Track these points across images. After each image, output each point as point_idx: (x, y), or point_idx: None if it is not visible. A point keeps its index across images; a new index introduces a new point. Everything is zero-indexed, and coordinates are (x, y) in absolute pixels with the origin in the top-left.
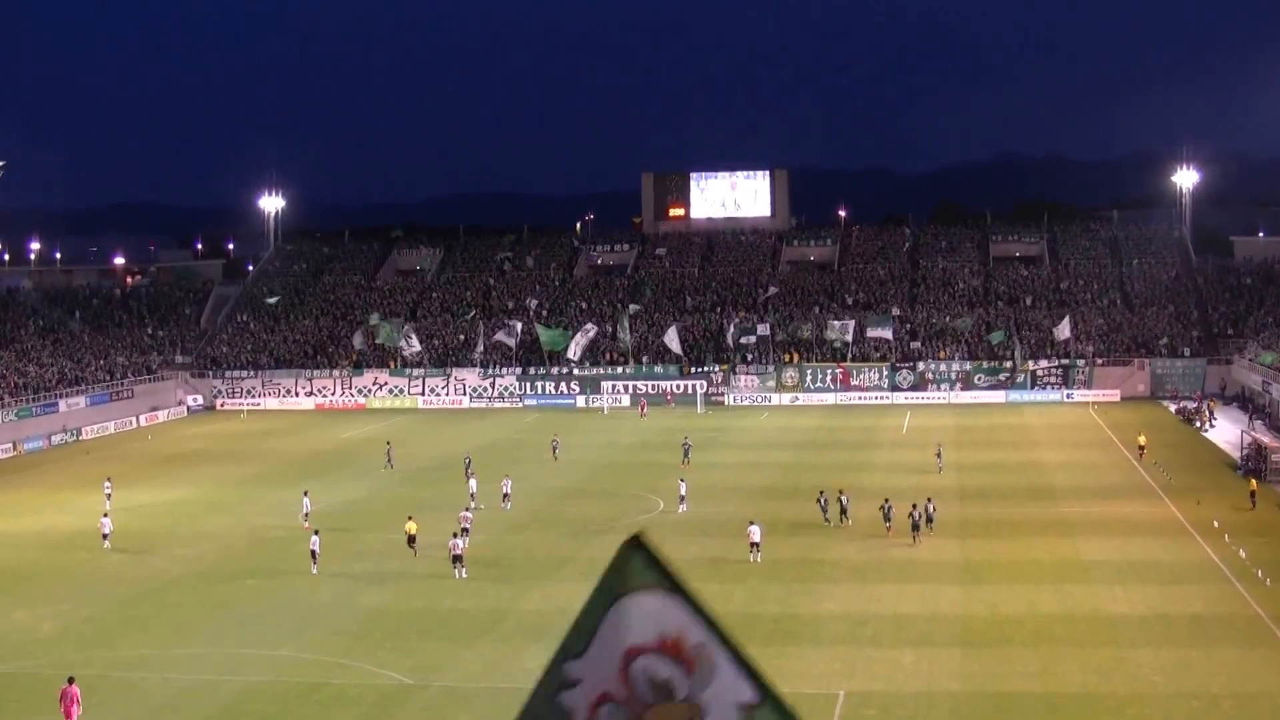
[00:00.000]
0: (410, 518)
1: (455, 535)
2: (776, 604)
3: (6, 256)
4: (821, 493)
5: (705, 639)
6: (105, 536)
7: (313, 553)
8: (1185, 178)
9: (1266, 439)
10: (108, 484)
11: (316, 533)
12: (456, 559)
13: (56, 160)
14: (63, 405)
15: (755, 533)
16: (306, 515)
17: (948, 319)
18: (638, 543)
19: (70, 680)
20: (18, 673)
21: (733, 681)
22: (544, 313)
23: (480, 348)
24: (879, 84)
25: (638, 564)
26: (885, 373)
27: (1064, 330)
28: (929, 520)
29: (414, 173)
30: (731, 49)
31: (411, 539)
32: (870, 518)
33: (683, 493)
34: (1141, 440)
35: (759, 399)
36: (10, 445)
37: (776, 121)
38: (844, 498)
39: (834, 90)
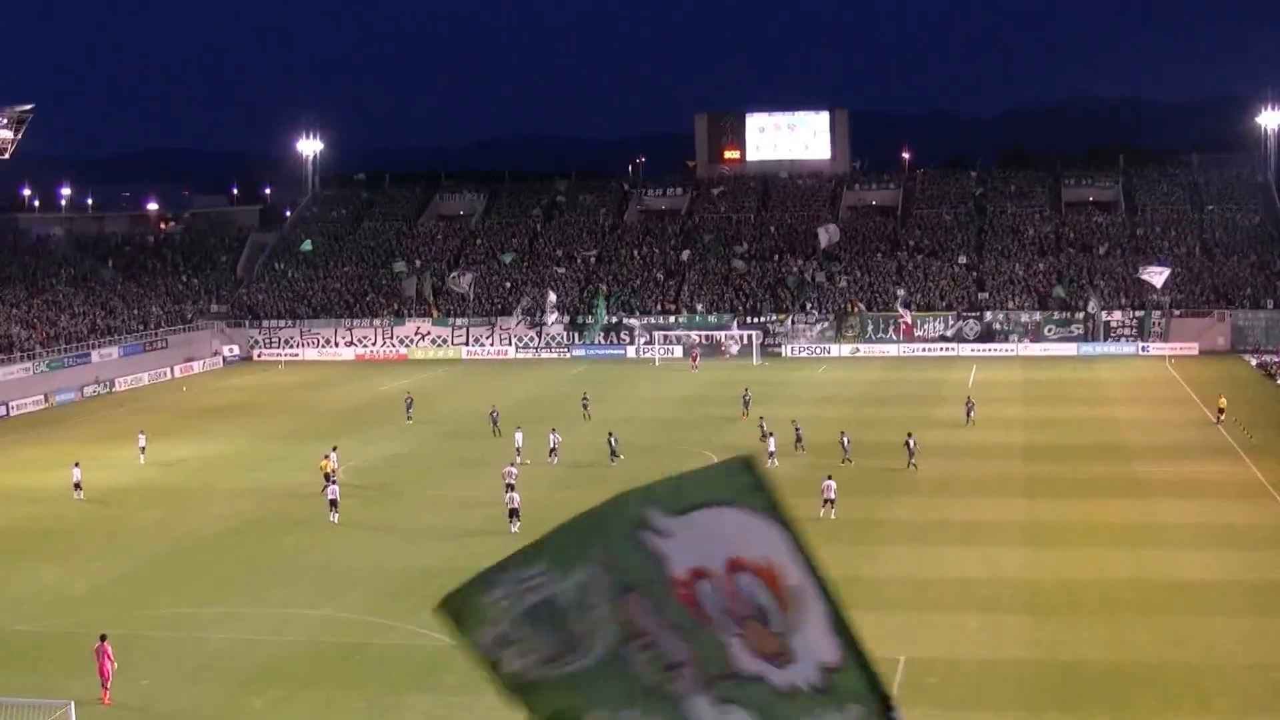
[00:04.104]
0: (326, 456)
1: (508, 490)
2: (834, 565)
3: (37, 203)
4: (796, 430)
5: (803, 584)
6: (77, 486)
7: (332, 501)
8: (1271, 119)
9: None
10: (141, 437)
11: (330, 480)
12: (513, 513)
13: (88, 105)
14: (95, 356)
15: (830, 488)
16: (334, 471)
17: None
18: (748, 464)
19: (103, 637)
20: (49, 631)
21: (819, 638)
22: (592, 259)
23: (519, 310)
24: (941, 22)
25: (747, 482)
26: (950, 323)
27: (1157, 279)
28: (911, 456)
29: (458, 116)
30: None
31: (328, 476)
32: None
33: (771, 448)
34: (1221, 403)
35: (818, 350)
36: (41, 397)
37: (833, 62)
38: (796, 426)
39: (894, 29)
